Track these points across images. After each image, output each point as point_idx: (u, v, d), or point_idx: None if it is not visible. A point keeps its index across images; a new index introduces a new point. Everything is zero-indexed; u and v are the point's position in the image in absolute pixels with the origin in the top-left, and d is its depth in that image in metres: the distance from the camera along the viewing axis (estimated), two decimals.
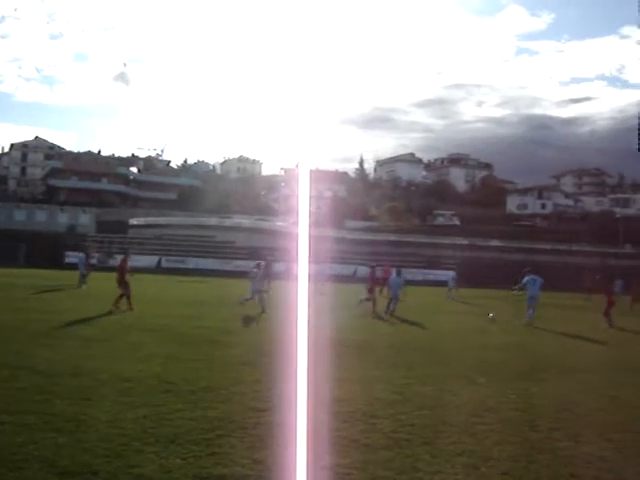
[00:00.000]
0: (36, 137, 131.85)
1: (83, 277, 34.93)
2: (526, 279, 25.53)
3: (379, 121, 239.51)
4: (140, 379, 10.04)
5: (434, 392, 10.29)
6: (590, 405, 9.86)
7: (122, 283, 22.54)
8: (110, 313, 20.21)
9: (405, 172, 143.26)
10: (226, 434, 7.27)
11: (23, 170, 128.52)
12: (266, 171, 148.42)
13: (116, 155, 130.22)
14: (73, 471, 5.90)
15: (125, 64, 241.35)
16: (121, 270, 23.07)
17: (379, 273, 39.81)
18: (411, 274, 57.03)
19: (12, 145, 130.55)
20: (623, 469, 6.74)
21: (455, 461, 6.73)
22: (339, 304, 28.12)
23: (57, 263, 58.87)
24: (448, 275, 43.21)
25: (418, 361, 13.54)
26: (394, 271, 28.45)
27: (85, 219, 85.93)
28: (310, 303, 5.04)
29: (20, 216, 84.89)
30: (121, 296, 22.03)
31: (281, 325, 17.58)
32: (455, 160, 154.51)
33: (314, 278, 34.95)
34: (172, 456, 6.42)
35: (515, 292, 26.62)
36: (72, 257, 53.23)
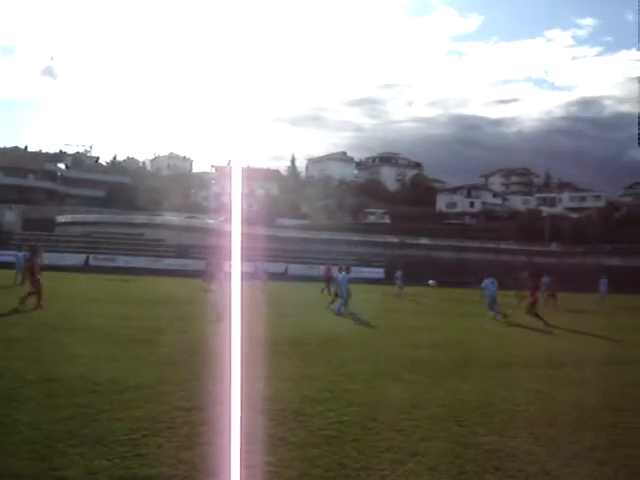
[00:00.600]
0: None
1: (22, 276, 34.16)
2: (485, 282, 26.47)
3: (310, 119, 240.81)
4: (65, 380, 9.85)
5: (363, 389, 10.37)
6: (515, 400, 10.08)
7: (33, 281, 22.08)
8: (17, 310, 19.80)
9: (337, 170, 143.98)
10: (153, 434, 7.21)
11: None
12: (197, 168, 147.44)
13: (43, 151, 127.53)
14: None
15: (52, 58, 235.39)
16: (31, 268, 22.71)
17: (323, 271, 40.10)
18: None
19: None
20: (547, 462, 6.91)
21: (382, 457, 6.81)
22: (273, 301, 28.11)
23: None
24: (395, 274, 43.42)
25: (349, 358, 13.62)
26: (342, 268, 28.48)
27: (11, 216, 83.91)
28: (243, 301, 5.03)
29: None
30: (30, 293, 21.58)
31: (210, 324, 17.56)
32: (386, 159, 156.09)
33: (251, 276, 34.91)
34: (98, 457, 6.34)
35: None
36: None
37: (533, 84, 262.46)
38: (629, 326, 25.59)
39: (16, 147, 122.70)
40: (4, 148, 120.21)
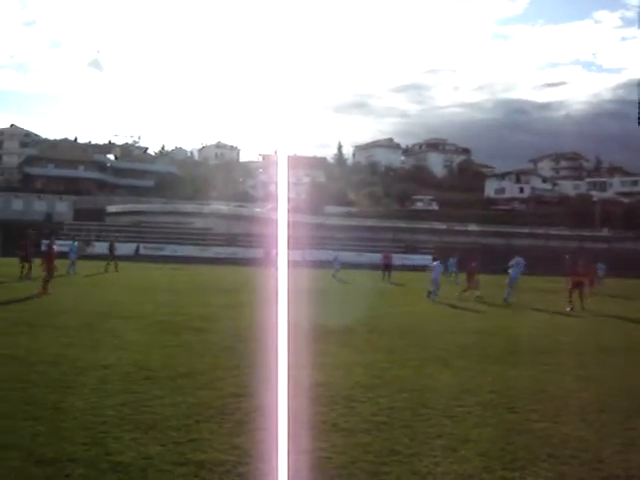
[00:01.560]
0: (11, 125, 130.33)
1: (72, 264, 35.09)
2: (514, 261, 26.63)
3: (355, 106, 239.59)
4: (119, 366, 10.01)
5: (413, 375, 10.33)
6: (566, 386, 9.95)
7: (50, 269, 23.52)
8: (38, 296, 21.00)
9: (383, 157, 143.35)
10: (205, 420, 7.27)
11: None
12: (244, 157, 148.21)
13: (93, 142, 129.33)
14: (51, 459, 5.87)
15: (98, 51, 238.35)
16: (49, 256, 24.18)
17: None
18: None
19: None
20: (600, 448, 6.81)
21: (433, 443, 6.77)
22: (325, 289, 28.17)
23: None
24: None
25: (398, 345, 13.59)
26: (436, 257, 29.26)
27: (62, 207, 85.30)
28: (293, 289, 5.03)
29: None
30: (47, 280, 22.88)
31: (260, 311, 17.65)
32: (433, 145, 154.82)
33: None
34: (151, 443, 6.40)
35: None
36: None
37: (581, 67, 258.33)
38: None
39: (66, 139, 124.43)
40: (54, 140, 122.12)
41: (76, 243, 39.12)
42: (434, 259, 29.35)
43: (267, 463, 5.51)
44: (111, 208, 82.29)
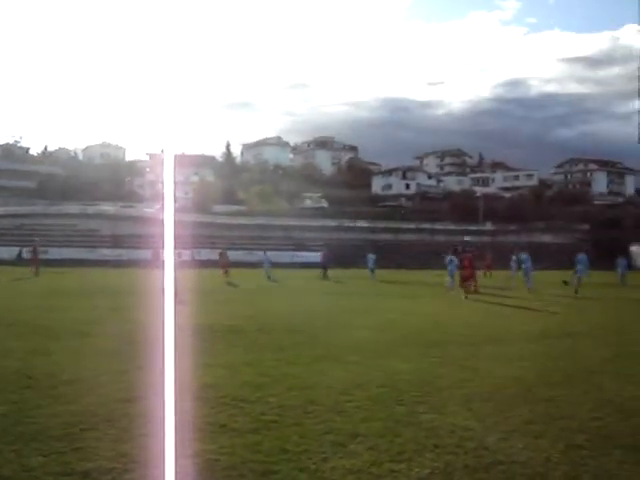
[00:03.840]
0: None
1: None
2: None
3: (242, 105, 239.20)
4: None
5: (303, 373, 10.36)
6: (453, 377, 10.20)
7: None
8: None
9: (272, 155, 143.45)
10: (90, 428, 7.07)
11: None
12: (130, 157, 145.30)
13: None
14: None
15: None
16: None
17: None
18: (279, 257, 57.42)
19: None
20: (485, 437, 7.00)
21: (323, 440, 6.80)
22: (212, 290, 27.96)
23: None
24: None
25: (288, 343, 13.60)
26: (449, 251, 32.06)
27: None
28: (182, 290, 4.95)
29: None
30: None
31: (147, 313, 17.35)
32: (321, 143, 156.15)
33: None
34: (33, 454, 6.17)
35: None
36: None
37: (459, 66, 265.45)
38: (564, 302, 26.13)
39: None
40: None
41: None
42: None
43: (154, 469, 5.41)
44: None
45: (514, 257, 37.32)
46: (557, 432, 7.23)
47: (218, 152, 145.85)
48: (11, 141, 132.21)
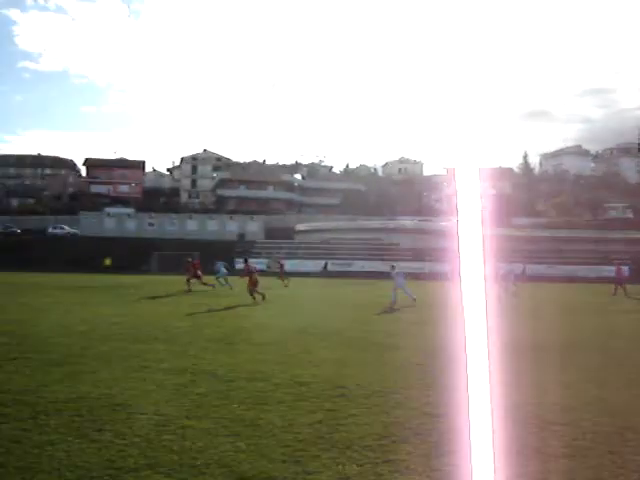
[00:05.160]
0: (204, 149, 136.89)
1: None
2: None
3: (538, 114, 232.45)
4: (313, 383, 10.12)
5: (614, 397, 9.73)
6: None
7: (252, 283, 28.02)
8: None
9: (572, 164, 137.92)
10: (401, 440, 7.15)
11: (193, 182, 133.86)
12: (428, 171, 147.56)
13: (281, 163, 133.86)
14: (252, 476, 5.96)
15: (275, 81, 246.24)
16: (249, 272, 28.68)
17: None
18: (583, 271, 54.94)
19: (182, 159, 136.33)
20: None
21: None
22: (521, 304, 27.40)
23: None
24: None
25: (594, 363, 12.89)
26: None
27: (253, 226, 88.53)
28: (486, 304, 4.85)
29: (192, 226, 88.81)
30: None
31: (450, 327, 17.38)
32: (624, 150, 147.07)
33: (502, 278, 34.42)
34: (348, 462, 6.37)
35: None
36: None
37: None
38: None
39: (255, 161, 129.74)
40: (244, 163, 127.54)
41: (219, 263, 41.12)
42: None
43: None
44: (300, 226, 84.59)
45: None
46: None
47: (515, 163, 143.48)
48: (316, 161, 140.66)
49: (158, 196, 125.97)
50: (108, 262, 64.41)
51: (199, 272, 37.03)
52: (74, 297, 29.83)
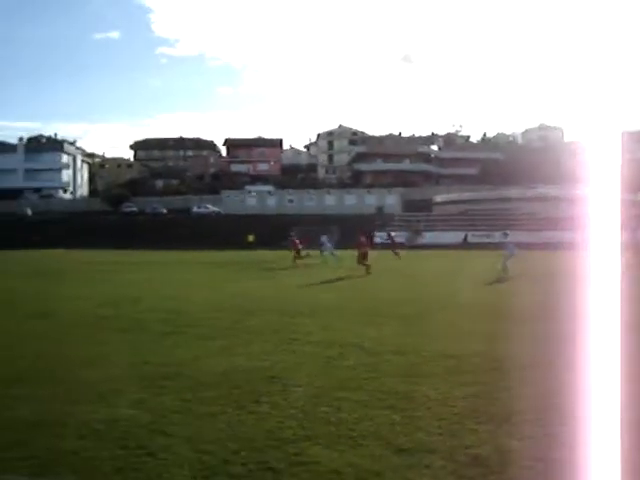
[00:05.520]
0: (340, 125, 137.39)
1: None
2: None
3: None
4: (464, 357, 10.03)
5: None
6: None
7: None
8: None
9: None
10: (561, 415, 6.94)
11: (330, 157, 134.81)
12: (569, 138, 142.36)
13: (416, 135, 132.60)
14: (410, 449, 5.98)
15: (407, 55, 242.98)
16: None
17: None
18: None
19: (318, 135, 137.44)
20: None
21: None
22: None
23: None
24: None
25: None
26: None
27: (391, 199, 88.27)
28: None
29: (330, 201, 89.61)
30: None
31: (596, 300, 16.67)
32: None
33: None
34: (507, 437, 6.27)
35: None
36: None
37: None
38: None
39: (391, 134, 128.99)
40: (380, 136, 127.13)
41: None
42: None
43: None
44: (438, 198, 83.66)
45: None
46: None
47: None
48: (452, 130, 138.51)
49: (296, 173, 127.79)
50: (251, 239, 65.84)
51: (300, 246, 37.83)
52: (220, 273, 30.91)
